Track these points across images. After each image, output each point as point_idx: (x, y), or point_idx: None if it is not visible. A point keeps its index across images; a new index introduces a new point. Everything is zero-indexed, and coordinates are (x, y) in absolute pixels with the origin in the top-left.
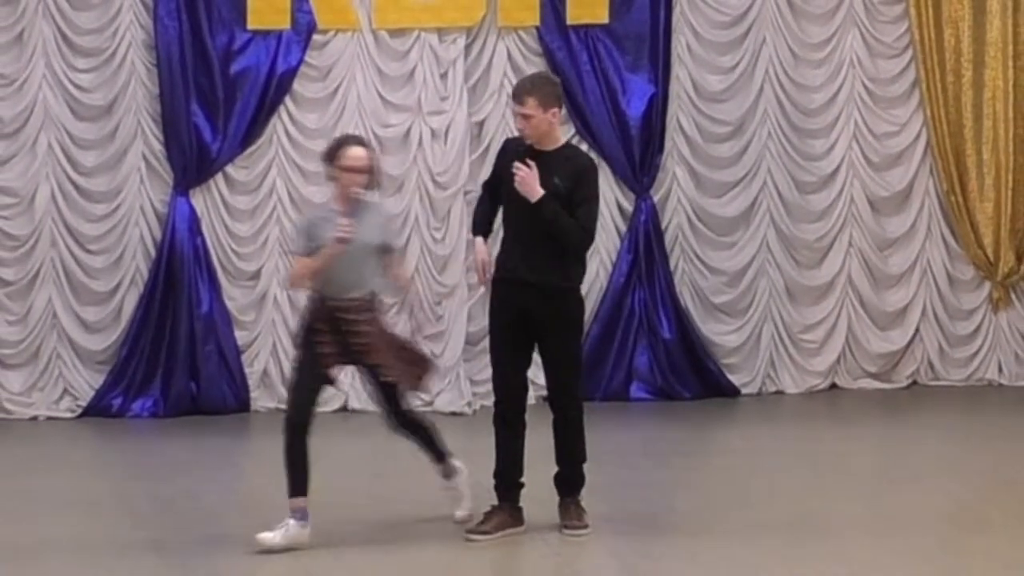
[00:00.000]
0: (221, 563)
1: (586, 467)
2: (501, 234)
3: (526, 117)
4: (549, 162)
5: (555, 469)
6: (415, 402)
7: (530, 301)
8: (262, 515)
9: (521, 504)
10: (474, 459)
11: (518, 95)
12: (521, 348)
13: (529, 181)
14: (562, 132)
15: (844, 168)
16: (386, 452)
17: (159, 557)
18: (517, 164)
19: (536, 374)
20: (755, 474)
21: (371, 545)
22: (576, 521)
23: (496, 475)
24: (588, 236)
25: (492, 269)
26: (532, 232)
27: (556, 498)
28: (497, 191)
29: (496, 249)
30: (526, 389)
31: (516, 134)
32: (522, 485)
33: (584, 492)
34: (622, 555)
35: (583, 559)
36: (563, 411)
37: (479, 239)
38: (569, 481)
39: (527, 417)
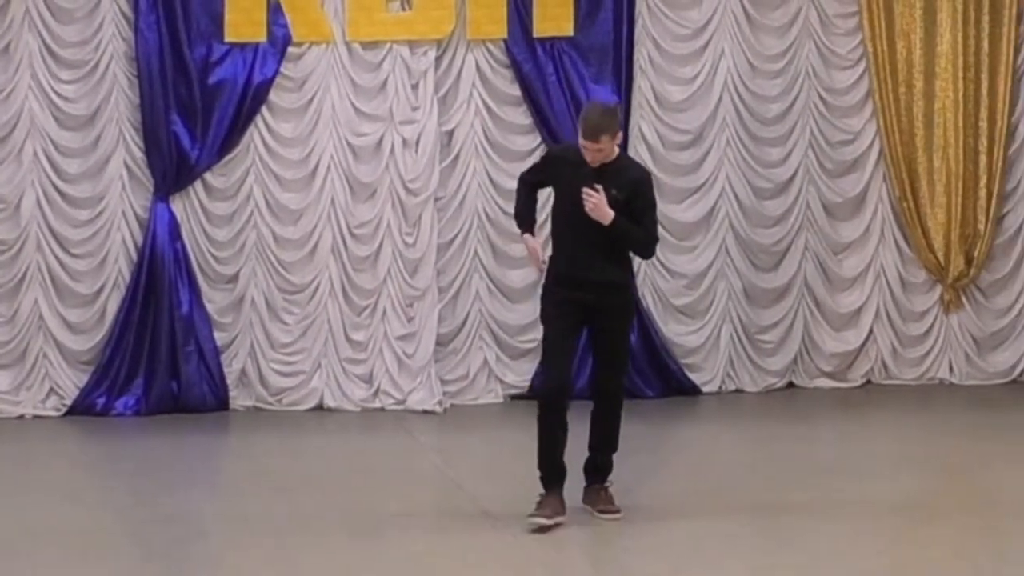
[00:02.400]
0: (200, 555)
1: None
2: (552, 231)
3: (600, 151)
4: (607, 175)
5: (579, 458)
6: (388, 400)
7: (594, 298)
8: (239, 509)
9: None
10: (449, 456)
11: (594, 135)
12: (576, 346)
13: (602, 207)
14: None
15: (800, 175)
16: (362, 449)
17: (141, 549)
18: (587, 191)
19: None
20: (716, 469)
21: (352, 538)
22: (610, 506)
23: (546, 464)
24: (655, 242)
25: (545, 258)
26: (597, 237)
27: (531, 499)
28: (538, 187)
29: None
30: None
31: (564, 148)
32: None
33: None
34: (588, 547)
35: (551, 550)
36: (611, 400)
37: (527, 235)
38: (603, 469)
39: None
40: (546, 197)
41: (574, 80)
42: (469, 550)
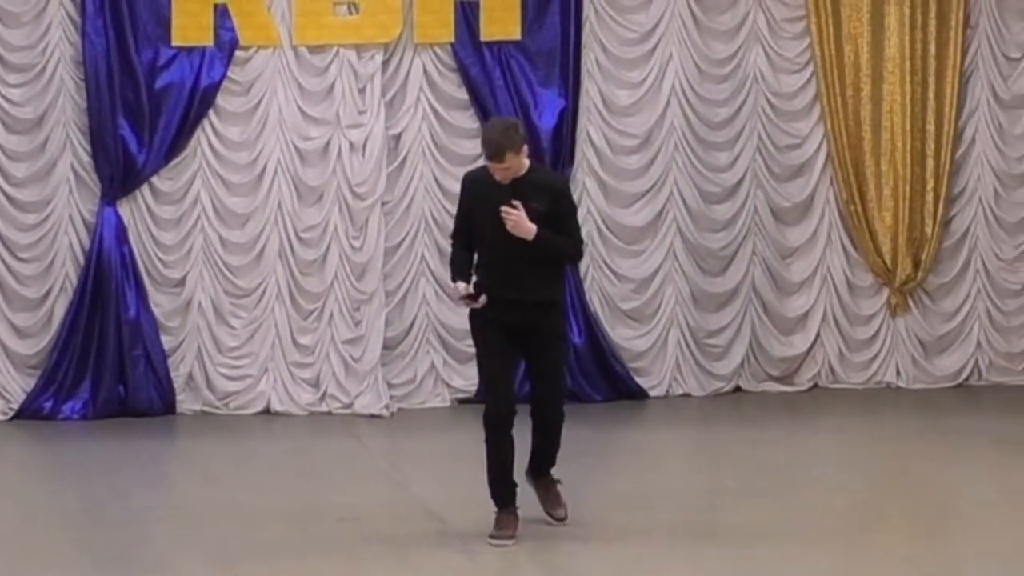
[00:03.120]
0: (148, 559)
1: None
2: (478, 254)
3: (507, 169)
4: (524, 188)
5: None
6: (335, 404)
7: (524, 317)
8: (187, 513)
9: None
10: (396, 460)
11: (498, 155)
12: (515, 363)
13: (523, 223)
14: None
15: (747, 179)
16: (309, 452)
17: (88, 554)
18: (505, 210)
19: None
20: (663, 474)
21: (299, 542)
22: (559, 510)
23: (498, 483)
24: (581, 245)
25: (472, 288)
26: (521, 255)
27: (478, 503)
28: (469, 234)
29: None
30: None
31: (474, 167)
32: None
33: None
34: (533, 553)
35: (496, 559)
36: (551, 418)
37: (459, 283)
38: (548, 463)
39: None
40: None
41: (521, 84)
42: (415, 553)
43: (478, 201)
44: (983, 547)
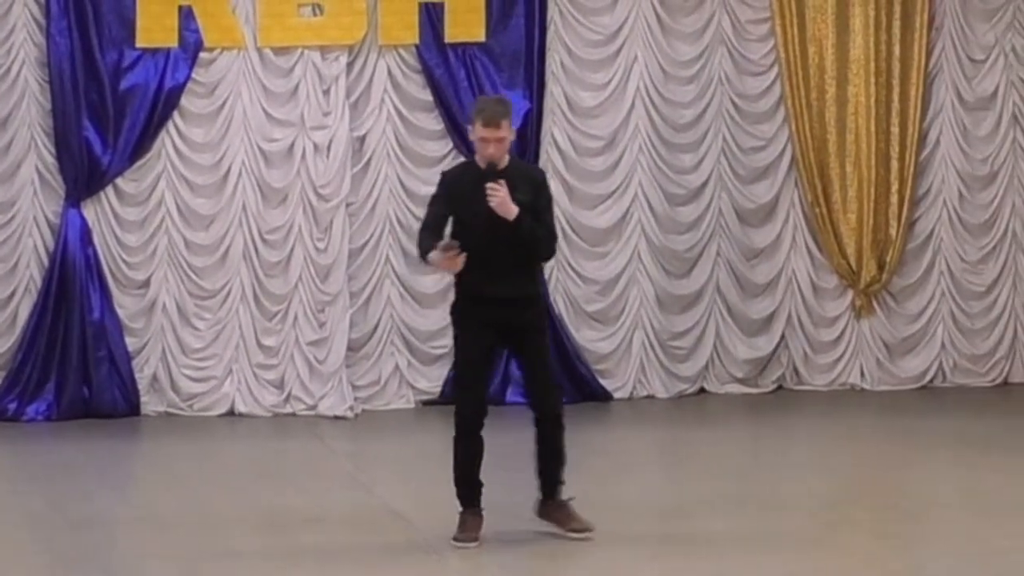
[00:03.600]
0: (112, 561)
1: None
2: (465, 259)
3: (500, 140)
4: (507, 180)
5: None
6: (299, 406)
7: (510, 316)
8: (151, 514)
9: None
10: (360, 462)
11: (495, 120)
12: (493, 367)
13: (507, 202)
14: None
15: (712, 181)
16: (273, 454)
17: (52, 555)
18: (491, 186)
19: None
20: (627, 475)
21: (264, 543)
22: (580, 523)
23: (465, 483)
24: (555, 240)
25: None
26: (504, 251)
27: (444, 506)
28: (439, 229)
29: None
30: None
31: (456, 164)
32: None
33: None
34: (498, 554)
35: (462, 562)
36: (555, 422)
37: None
38: (558, 482)
39: None
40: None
41: (486, 86)
42: (382, 557)
43: (461, 200)
44: (946, 548)
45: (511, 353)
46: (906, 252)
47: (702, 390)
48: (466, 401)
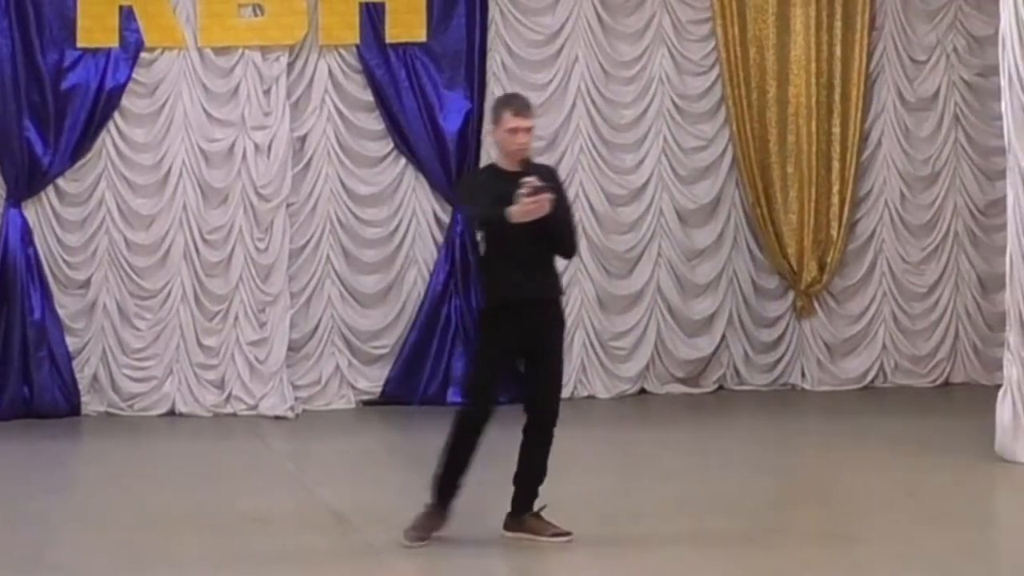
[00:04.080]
0: (54, 562)
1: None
2: (489, 256)
3: (529, 130)
4: (535, 175)
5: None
6: (240, 406)
7: (538, 317)
8: (91, 514)
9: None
10: (301, 461)
11: (525, 108)
12: (508, 370)
13: (543, 197)
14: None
15: (653, 181)
16: (214, 454)
17: None
18: (530, 181)
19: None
20: (569, 476)
21: (204, 543)
22: (556, 527)
23: (451, 479)
24: (577, 235)
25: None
26: (534, 251)
27: (385, 506)
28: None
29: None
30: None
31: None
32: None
33: (409, 496)
34: (439, 552)
35: (408, 565)
36: (551, 422)
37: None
38: (535, 494)
39: None
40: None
41: (427, 86)
42: (323, 559)
43: (500, 200)
44: (887, 549)
45: (530, 357)
46: (847, 253)
47: (643, 390)
48: (480, 400)
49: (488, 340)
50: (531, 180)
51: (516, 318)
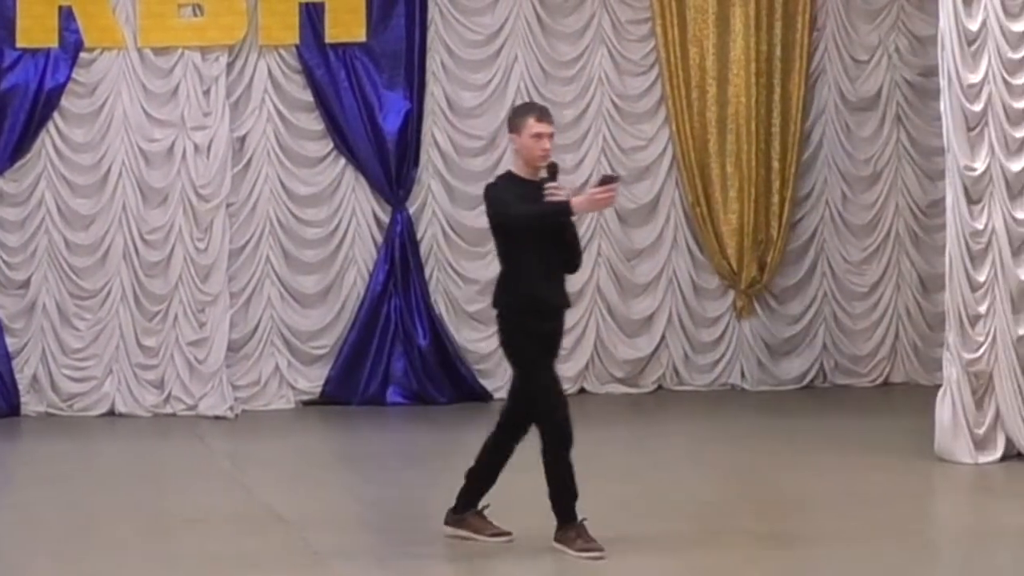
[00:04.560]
0: None
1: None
2: (515, 264)
3: (552, 136)
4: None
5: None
6: (179, 406)
7: (560, 323)
8: (30, 514)
9: None
10: (240, 461)
11: (548, 114)
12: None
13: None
14: None
15: (593, 181)
16: (153, 454)
17: None
18: (552, 186)
19: None
20: (506, 475)
21: (143, 543)
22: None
23: (575, 497)
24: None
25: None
26: (557, 261)
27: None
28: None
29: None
30: None
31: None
32: None
33: (349, 496)
34: (380, 554)
35: (349, 566)
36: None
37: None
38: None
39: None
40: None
41: (366, 86)
42: (262, 557)
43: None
44: (826, 548)
45: None
46: (788, 253)
47: (582, 390)
48: (561, 397)
49: (529, 343)
50: (554, 185)
51: (545, 324)
